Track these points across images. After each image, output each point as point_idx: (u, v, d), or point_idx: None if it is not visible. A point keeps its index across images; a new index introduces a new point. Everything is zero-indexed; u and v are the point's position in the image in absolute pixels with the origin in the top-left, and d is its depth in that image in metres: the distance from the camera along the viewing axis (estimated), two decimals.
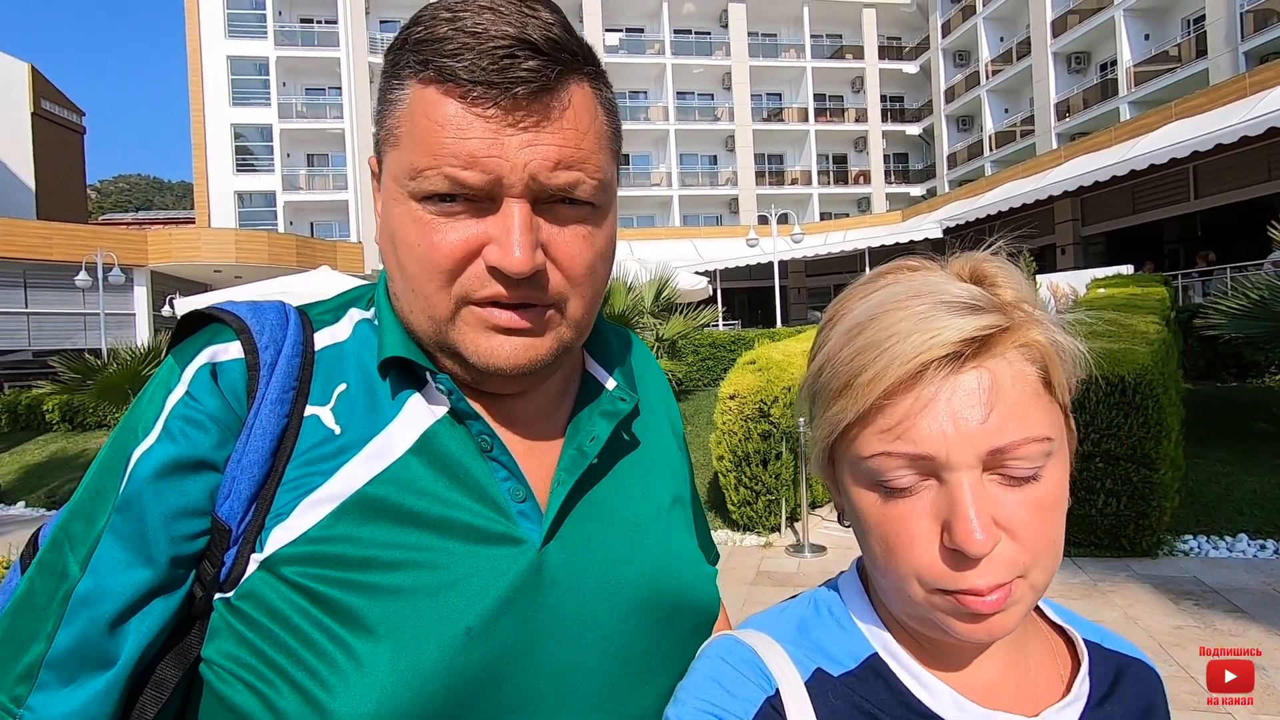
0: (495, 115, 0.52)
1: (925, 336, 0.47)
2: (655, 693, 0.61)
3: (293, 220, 29.63)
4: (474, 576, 0.55)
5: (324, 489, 0.55)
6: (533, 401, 0.64)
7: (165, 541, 0.53)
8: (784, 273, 21.25)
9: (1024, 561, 0.48)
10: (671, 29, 32.90)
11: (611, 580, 0.61)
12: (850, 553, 5.22)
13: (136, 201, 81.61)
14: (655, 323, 9.90)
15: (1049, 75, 26.41)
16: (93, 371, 9.31)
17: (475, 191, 0.54)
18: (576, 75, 0.56)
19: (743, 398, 5.22)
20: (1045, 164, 19.92)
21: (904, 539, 0.49)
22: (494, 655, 0.54)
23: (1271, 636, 3.44)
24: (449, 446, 0.58)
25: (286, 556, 0.53)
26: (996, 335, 0.49)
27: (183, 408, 0.55)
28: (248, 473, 0.54)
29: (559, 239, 0.57)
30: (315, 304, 0.66)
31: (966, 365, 0.48)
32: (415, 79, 0.54)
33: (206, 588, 0.55)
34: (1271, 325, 6.22)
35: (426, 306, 0.57)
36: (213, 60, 28.47)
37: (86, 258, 17.61)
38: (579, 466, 0.62)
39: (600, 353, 0.72)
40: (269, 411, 0.56)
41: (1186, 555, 4.60)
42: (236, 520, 0.54)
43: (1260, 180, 14.79)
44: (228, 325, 0.58)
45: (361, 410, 0.58)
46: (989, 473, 0.48)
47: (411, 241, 0.55)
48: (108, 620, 0.52)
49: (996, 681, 0.55)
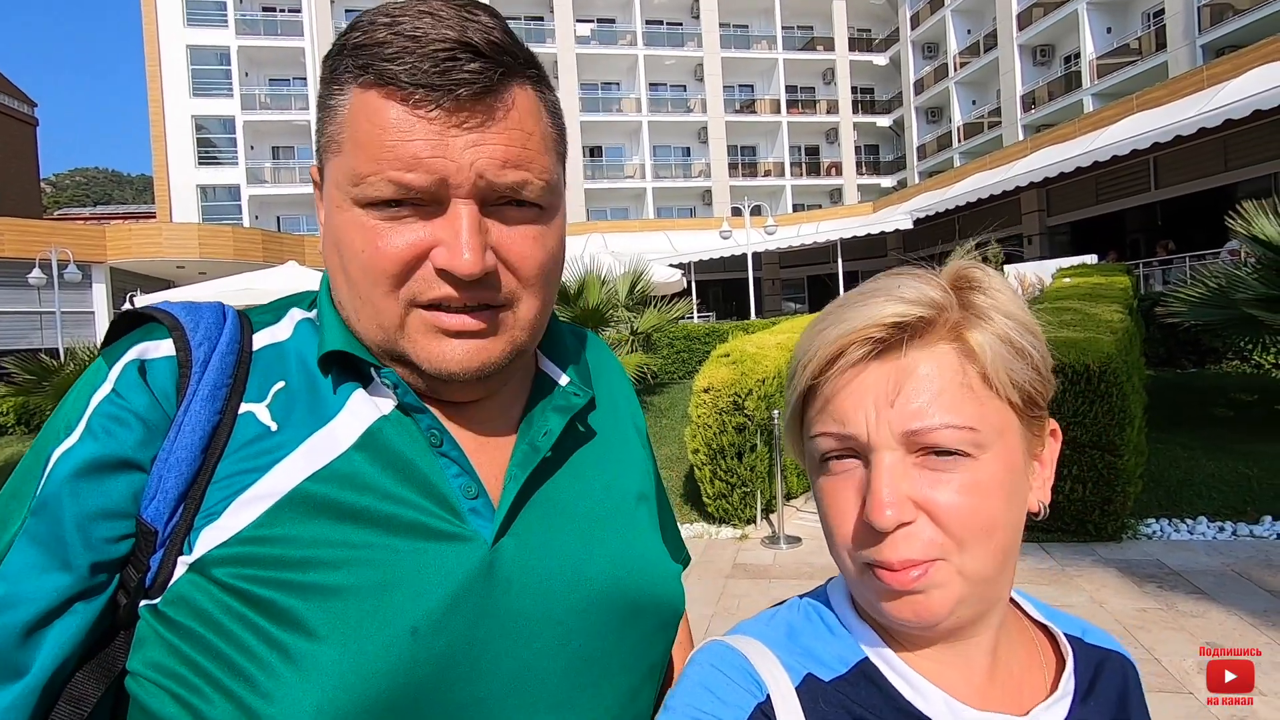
0: (438, 117, 0.51)
1: (853, 322, 0.52)
2: (616, 692, 0.60)
3: (258, 215, 29.01)
4: (420, 574, 0.53)
5: (257, 486, 0.53)
6: (485, 402, 0.63)
7: (83, 545, 0.50)
8: (758, 264, 21.39)
9: (944, 545, 0.49)
10: (643, 20, 32.77)
11: (569, 577, 0.59)
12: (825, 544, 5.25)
13: (94, 196, 79.25)
14: (630, 316, 9.88)
15: (1015, 68, 26.85)
16: (49, 373, 9.04)
17: (420, 194, 0.52)
18: (519, 78, 0.55)
19: (717, 390, 5.23)
20: (1012, 155, 20.27)
21: (835, 513, 0.53)
22: (443, 655, 0.52)
23: (1231, 617, 3.54)
24: (395, 441, 0.57)
25: (218, 558, 0.51)
26: (925, 327, 0.51)
27: (107, 405, 0.53)
28: (175, 470, 0.52)
29: (509, 240, 0.56)
30: (257, 306, 0.65)
31: (890, 352, 0.51)
32: (355, 84, 0.53)
33: (131, 594, 0.53)
34: (1229, 313, 6.41)
35: (374, 314, 0.55)
36: (171, 49, 27.69)
37: (41, 254, 17.03)
38: (531, 462, 0.60)
39: (554, 351, 0.71)
40: (200, 408, 0.54)
41: (1150, 539, 4.73)
42: (163, 522, 0.52)
43: (1217, 170, 15.23)
44: (160, 324, 0.57)
45: (301, 407, 0.57)
46: (915, 454, 0.50)
47: (356, 248, 0.54)
48: (20, 629, 0.49)
49: (986, 682, 0.55)
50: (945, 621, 0.51)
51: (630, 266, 10.37)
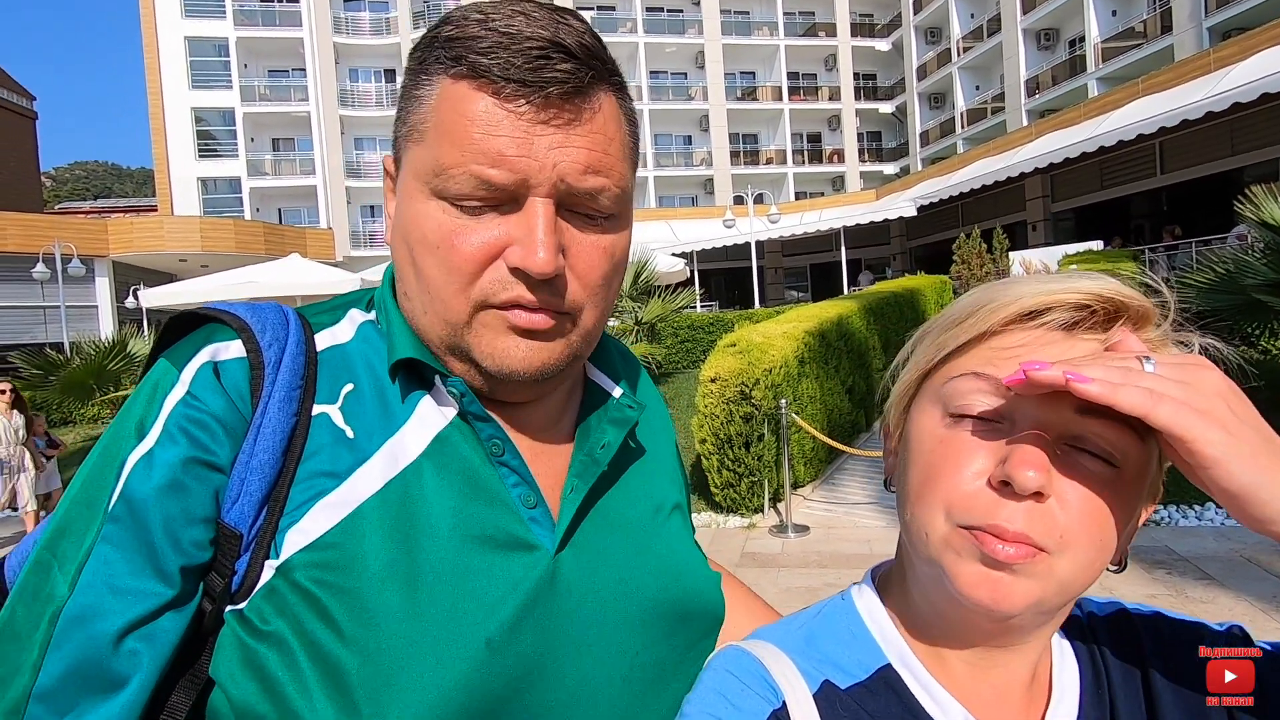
0: (526, 113, 0.51)
1: (1058, 285, 0.49)
2: (670, 699, 0.60)
3: (259, 207, 28.92)
4: (491, 586, 0.53)
5: (338, 492, 0.53)
6: (538, 409, 0.63)
7: (171, 550, 0.50)
8: (760, 253, 21.32)
9: (1060, 537, 0.46)
10: (644, 7, 32.46)
11: (624, 587, 0.60)
12: (833, 532, 5.29)
13: (95, 189, 79.10)
14: (634, 306, 9.87)
15: (1019, 52, 26.60)
16: (55, 367, 9.07)
17: (500, 191, 0.52)
18: (605, 84, 0.55)
19: (724, 380, 5.22)
20: (1016, 141, 20.12)
21: (951, 465, 0.49)
22: (515, 667, 0.53)
23: (1240, 602, 3.55)
24: (461, 451, 0.57)
25: (302, 562, 0.51)
26: (1140, 319, 0.49)
27: (184, 408, 0.52)
28: (258, 473, 0.52)
29: (578, 248, 0.56)
30: (310, 306, 0.64)
31: (1084, 327, 0.49)
32: (446, 74, 0.53)
33: (216, 600, 0.52)
34: (1236, 298, 6.38)
35: (443, 310, 0.55)
36: (170, 41, 27.51)
37: (44, 249, 17.02)
38: (591, 473, 0.61)
39: (603, 361, 0.71)
40: (277, 409, 0.53)
41: (1158, 525, 4.73)
42: (247, 525, 0.52)
43: (1224, 155, 15.11)
44: (226, 324, 0.56)
45: (372, 412, 0.57)
46: (1066, 441, 0.47)
47: (431, 242, 0.54)
48: (110, 638, 0.48)
49: (1003, 700, 0.54)
50: (1014, 618, 0.49)
51: (634, 256, 10.35)
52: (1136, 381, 0.43)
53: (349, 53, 29.66)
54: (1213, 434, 0.42)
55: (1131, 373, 0.44)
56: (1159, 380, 0.44)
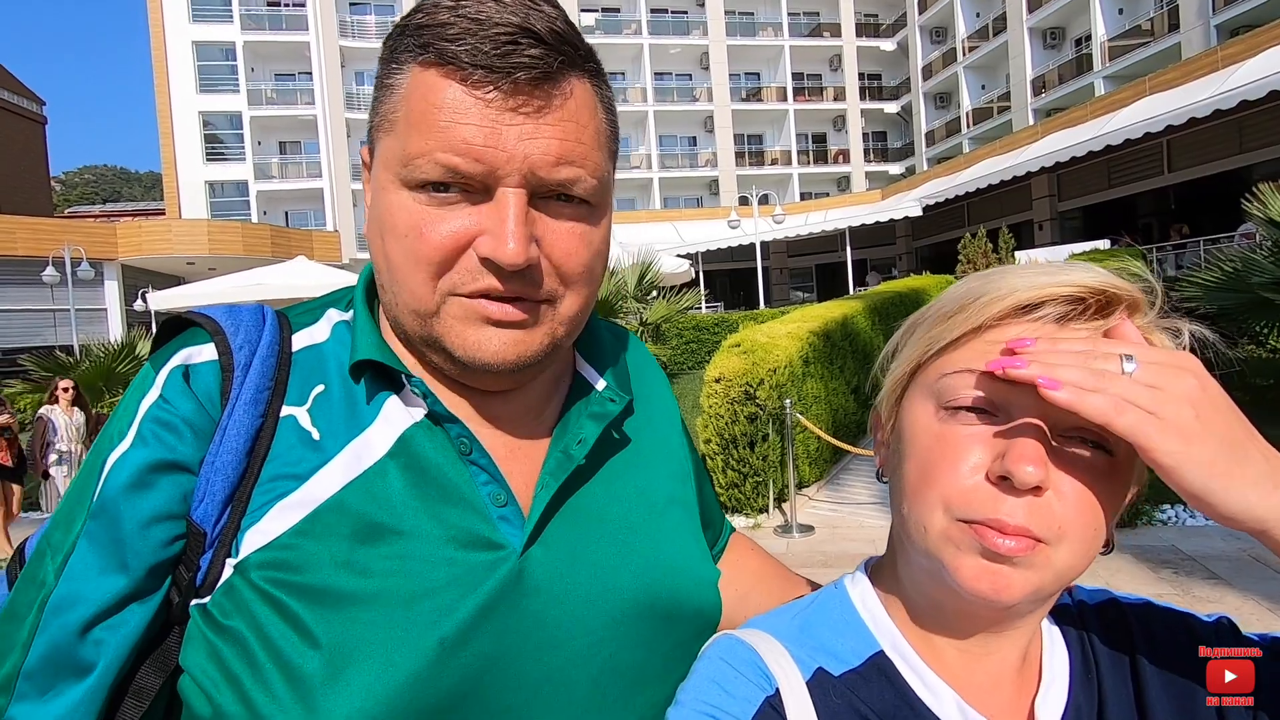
0: (495, 100, 0.51)
1: (1050, 279, 0.49)
2: (649, 702, 0.59)
3: (266, 210, 29.07)
4: (450, 585, 0.53)
5: (299, 493, 0.54)
6: (517, 400, 0.62)
7: (140, 547, 0.52)
8: (765, 254, 21.28)
9: (1058, 529, 0.47)
10: (648, 9, 32.49)
11: (600, 586, 0.59)
12: (837, 531, 5.28)
13: (103, 193, 79.66)
14: (639, 307, 9.89)
15: (1025, 51, 26.49)
16: (65, 369, 9.13)
17: (468, 180, 0.52)
18: (578, 70, 0.55)
19: (728, 380, 5.23)
20: (1022, 140, 20.05)
21: (948, 460, 0.49)
22: (471, 666, 0.52)
23: (1248, 602, 3.53)
24: (426, 450, 0.57)
25: (258, 561, 0.52)
26: (1133, 308, 0.50)
27: (155, 410, 0.54)
28: (221, 474, 0.54)
29: (554, 235, 0.55)
30: (296, 305, 0.65)
31: (1077, 318, 0.49)
32: (415, 62, 0.53)
33: (183, 593, 0.54)
34: (1244, 296, 6.34)
35: (411, 300, 0.55)
36: (177, 46, 27.69)
37: (53, 252, 17.15)
38: (564, 470, 0.60)
39: (592, 352, 0.70)
40: (243, 411, 0.55)
41: (1165, 524, 4.71)
42: (211, 523, 0.53)
43: (1231, 153, 15.03)
44: (202, 328, 0.58)
45: (340, 413, 0.57)
46: (1065, 433, 0.48)
47: (400, 232, 0.53)
48: (78, 627, 0.51)
49: (995, 685, 0.54)
50: (1014, 607, 0.49)
51: (638, 257, 10.36)
52: (1107, 387, 0.45)
53: (355, 56, 29.76)
54: (1169, 444, 0.44)
55: (1105, 376, 0.45)
56: (1129, 386, 0.45)
